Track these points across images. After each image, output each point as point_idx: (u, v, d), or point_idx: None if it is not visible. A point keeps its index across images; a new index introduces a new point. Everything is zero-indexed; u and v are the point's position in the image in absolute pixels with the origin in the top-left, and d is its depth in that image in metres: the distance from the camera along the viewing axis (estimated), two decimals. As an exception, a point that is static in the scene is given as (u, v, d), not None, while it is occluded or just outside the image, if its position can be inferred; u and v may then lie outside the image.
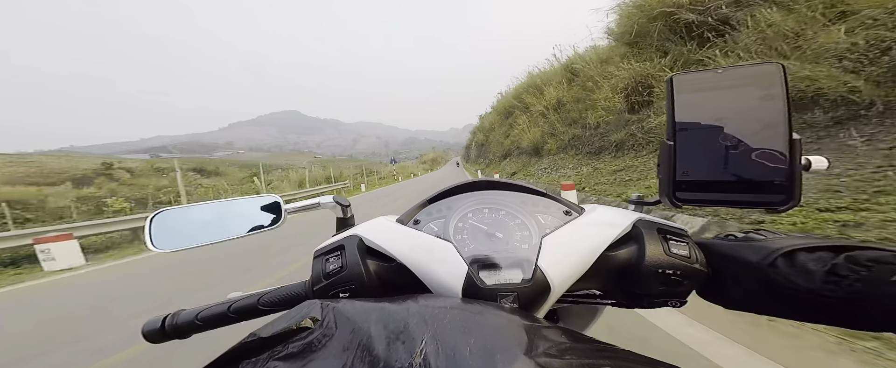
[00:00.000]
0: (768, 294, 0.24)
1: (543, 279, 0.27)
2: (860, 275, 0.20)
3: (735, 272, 0.27)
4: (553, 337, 0.18)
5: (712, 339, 1.31)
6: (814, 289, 0.22)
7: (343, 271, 0.30)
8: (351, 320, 0.20)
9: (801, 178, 0.27)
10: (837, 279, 0.21)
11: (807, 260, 0.23)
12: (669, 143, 0.31)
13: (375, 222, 0.36)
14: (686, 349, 1.28)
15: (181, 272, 3.22)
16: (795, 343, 1.26)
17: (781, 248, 0.24)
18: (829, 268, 0.21)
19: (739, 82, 0.29)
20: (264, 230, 0.43)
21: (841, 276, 0.21)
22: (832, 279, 0.21)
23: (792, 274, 0.23)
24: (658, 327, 1.43)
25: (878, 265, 0.20)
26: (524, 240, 0.31)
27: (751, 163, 0.28)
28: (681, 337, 1.34)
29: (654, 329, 1.42)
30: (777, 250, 0.24)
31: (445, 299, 0.25)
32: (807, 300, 0.22)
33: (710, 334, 1.34)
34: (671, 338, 1.35)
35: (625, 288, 0.32)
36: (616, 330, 1.42)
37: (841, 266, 0.21)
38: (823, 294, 0.21)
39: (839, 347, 1.21)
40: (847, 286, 0.20)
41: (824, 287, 0.21)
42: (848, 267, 0.21)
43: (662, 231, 0.31)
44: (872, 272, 0.20)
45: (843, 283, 0.21)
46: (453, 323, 0.19)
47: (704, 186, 0.31)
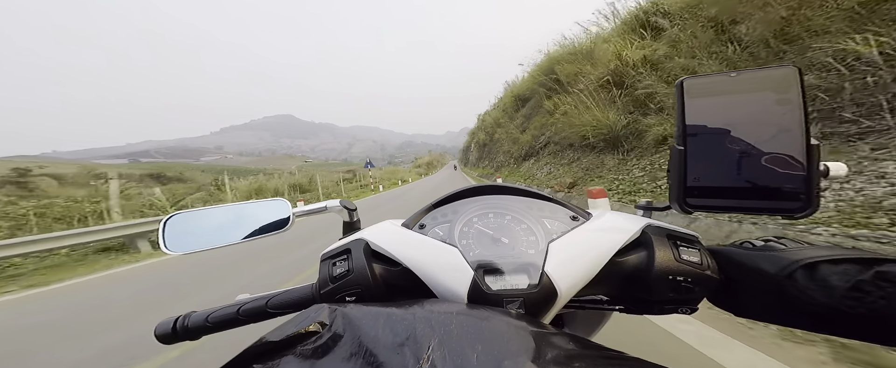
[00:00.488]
0: (782, 306, 0.23)
1: (550, 284, 0.27)
2: (885, 291, 0.19)
3: (749, 281, 0.26)
4: (560, 344, 0.18)
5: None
6: (831, 305, 0.21)
7: (350, 275, 0.30)
8: (358, 325, 0.20)
9: (819, 184, 0.27)
10: (860, 294, 0.20)
11: (829, 273, 0.22)
12: (680, 148, 0.31)
13: (381, 227, 0.37)
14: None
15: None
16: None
17: (802, 259, 0.23)
18: (853, 284, 0.21)
19: (754, 86, 0.29)
20: (272, 233, 0.44)
21: (864, 292, 0.20)
22: (854, 294, 0.20)
23: (810, 288, 0.22)
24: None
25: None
26: (530, 245, 0.31)
27: (765, 169, 0.28)
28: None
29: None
30: (797, 261, 0.24)
31: (452, 304, 0.25)
32: (822, 314, 0.21)
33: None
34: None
35: (633, 294, 0.31)
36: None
37: (868, 283, 0.20)
38: (841, 310, 0.21)
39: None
40: (870, 303, 0.20)
41: (843, 303, 0.20)
42: (873, 283, 0.20)
43: (672, 237, 0.31)
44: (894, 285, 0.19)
45: (866, 300, 0.20)
46: (460, 329, 0.19)
47: (716, 192, 0.30)
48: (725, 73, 0.30)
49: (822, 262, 0.23)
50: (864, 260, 0.22)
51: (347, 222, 0.49)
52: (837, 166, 0.29)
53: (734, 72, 0.29)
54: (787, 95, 0.27)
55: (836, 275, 0.21)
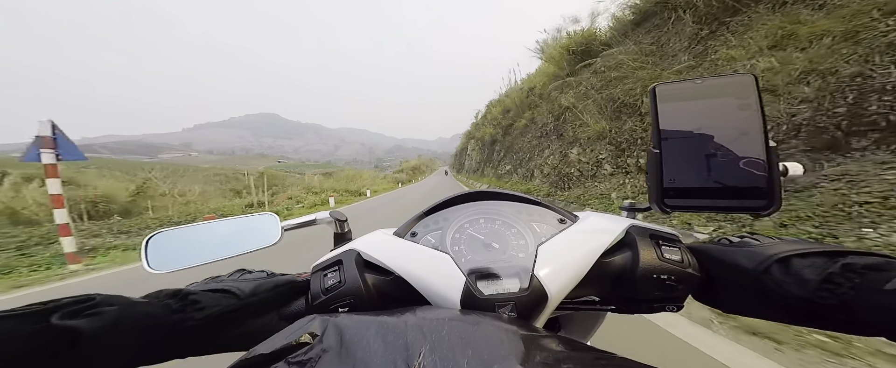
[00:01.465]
0: (761, 299, 0.25)
1: (540, 287, 0.28)
2: (854, 283, 0.21)
3: (728, 276, 0.28)
4: (550, 346, 0.19)
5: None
6: (806, 297, 0.22)
7: (341, 285, 0.30)
8: (350, 334, 0.20)
9: (780, 183, 0.29)
10: (831, 286, 0.22)
11: (801, 267, 0.24)
12: (655, 151, 0.33)
13: (373, 236, 0.37)
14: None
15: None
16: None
17: (776, 254, 0.25)
18: (824, 276, 0.22)
19: (718, 92, 0.31)
20: (261, 248, 0.44)
21: (835, 284, 0.22)
22: (826, 286, 0.22)
23: (786, 282, 0.23)
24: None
25: (871, 272, 0.21)
26: (520, 249, 0.32)
27: (733, 170, 0.30)
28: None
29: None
30: (771, 256, 0.25)
31: (443, 310, 0.25)
32: (799, 306, 0.23)
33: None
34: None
35: (622, 294, 0.32)
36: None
37: (835, 274, 0.22)
38: (815, 301, 0.22)
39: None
40: (841, 294, 0.21)
41: (817, 295, 0.22)
42: (842, 275, 0.22)
43: (655, 237, 0.32)
44: (865, 278, 0.21)
45: (837, 291, 0.21)
46: (451, 335, 0.19)
47: (691, 192, 0.32)
48: (692, 79, 0.32)
49: (794, 256, 0.25)
50: (830, 253, 0.24)
51: (338, 234, 0.50)
52: (794, 166, 0.32)
53: (700, 79, 0.32)
54: (747, 100, 0.29)
55: (807, 268, 0.23)
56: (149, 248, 0.40)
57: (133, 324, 0.22)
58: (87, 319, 0.20)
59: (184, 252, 0.41)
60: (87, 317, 0.20)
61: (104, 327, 0.20)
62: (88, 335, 0.19)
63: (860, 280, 0.21)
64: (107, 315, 0.20)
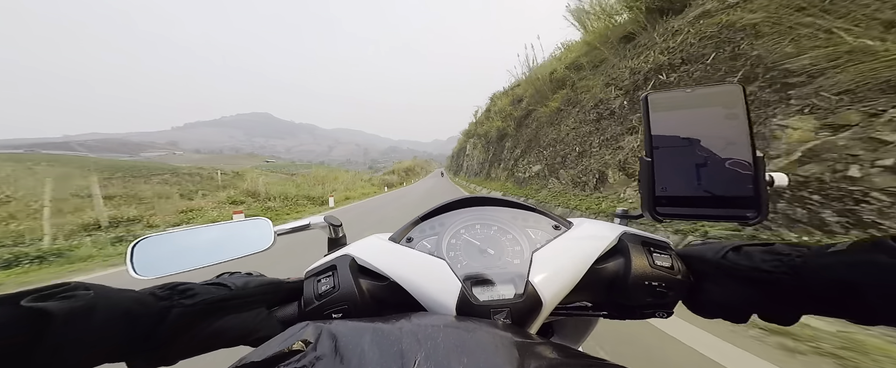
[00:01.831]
0: (730, 285, 0.28)
1: (535, 293, 0.28)
2: (800, 252, 0.24)
3: (702, 271, 0.31)
4: (544, 354, 0.19)
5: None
6: (756, 266, 0.26)
7: (335, 291, 0.30)
8: (344, 341, 0.20)
9: (767, 193, 0.30)
10: (779, 257, 0.25)
11: (749, 250, 0.28)
12: (647, 159, 0.33)
13: (368, 241, 0.37)
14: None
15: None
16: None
17: (730, 245, 0.29)
18: (765, 250, 0.27)
19: (707, 101, 0.32)
20: (254, 253, 0.44)
21: (782, 254, 0.25)
22: (773, 257, 0.25)
23: (738, 260, 0.28)
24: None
25: (813, 247, 0.24)
26: (516, 255, 0.33)
27: (722, 179, 0.31)
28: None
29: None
30: (726, 247, 0.30)
31: (439, 317, 0.25)
32: (758, 280, 0.25)
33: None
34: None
35: (614, 300, 0.33)
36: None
37: (776, 249, 0.26)
38: (767, 270, 0.25)
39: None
40: (789, 262, 0.24)
41: (765, 264, 0.25)
42: (783, 249, 0.25)
43: (647, 244, 0.33)
44: (810, 250, 0.24)
45: (785, 260, 0.25)
46: (446, 342, 0.19)
47: (682, 201, 0.33)
48: (682, 88, 0.33)
49: (744, 245, 0.28)
50: (770, 243, 0.27)
51: (332, 239, 0.49)
52: (780, 177, 0.32)
53: (689, 88, 0.32)
54: (735, 109, 0.30)
55: (754, 251, 0.28)
56: (134, 253, 0.39)
57: (111, 309, 0.20)
58: (60, 301, 0.18)
59: (172, 258, 0.40)
60: (59, 300, 0.18)
61: (78, 309, 0.18)
62: (59, 317, 0.17)
63: (805, 250, 0.24)
64: (81, 298, 0.19)
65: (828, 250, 0.22)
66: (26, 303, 0.17)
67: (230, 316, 0.27)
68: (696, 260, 0.31)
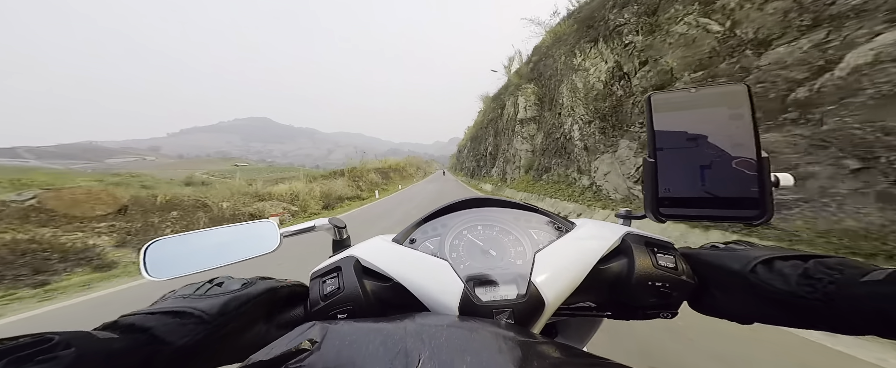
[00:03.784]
0: (751, 300, 0.27)
1: (537, 294, 0.29)
2: (833, 278, 0.23)
3: (719, 280, 0.30)
4: (547, 353, 0.20)
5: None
6: (791, 291, 0.25)
7: (340, 292, 0.31)
8: (349, 341, 0.20)
9: (772, 194, 0.30)
10: (812, 281, 0.24)
11: (783, 267, 0.26)
12: (651, 160, 0.34)
13: (372, 243, 0.37)
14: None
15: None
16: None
17: (760, 257, 0.28)
18: (802, 272, 0.25)
19: (711, 102, 0.32)
20: (261, 255, 0.45)
21: (815, 279, 0.24)
22: (807, 282, 0.24)
23: (771, 279, 0.26)
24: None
25: (847, 269, 0.23)
26: (518, 256, 0.33)
27: (726, 180, 0.31)
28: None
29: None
30: (756, 258, 0.28)
31: (442, 317, 0.26)
32: (787, 302, 0.25)
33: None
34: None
35: (618, 301, 0.33)
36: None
37: (812, 270, 0.25)
38: (801, 296, 0.24)
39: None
40: (822, 288, 0.23)
41: (800, 289, 0.24)
42: (820, 271, 0.24)
43: (650, 244, 0.33)
44: (844, 274, 0.23)
45: (818, 285, 0.24)
46: (450, 342, 0.20)
47: (685, 202, 0.33)
48: (686, 88, 0.33)
49: (775, 258, 0.27)
50: (803, 256, 0.26)
51: (337, 240, 0.50)
52: (786, 177, 0.32)
53: (693, 88, 0.32)
54: (740, 110, 0.30)
55: (787, 267, 0.26)
56: (147, 255, 0.40)
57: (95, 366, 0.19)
58: (40, 367, 0.17)
59: (183, 259, 0.41)
60: (39, 364, 0.17)
61: None
62: None
63: (839, 276, 0.23)
64: (63, 360, 0.18)
65: (862, 278, 0.22)
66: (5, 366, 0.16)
67: (235, 337, 0.26)
68: (715, 268, 0.30)
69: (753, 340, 1.48)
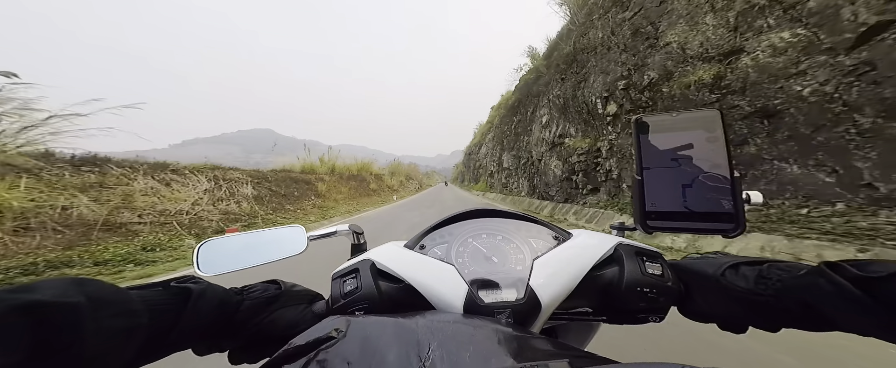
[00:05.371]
0: (724, 301, 0.31)
1: (535, 297, 0.32)
2: (780, 277, 0.28)
3: (698, 284, 0.34)
4: (539, 346, 0.23)
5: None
6: (750, 289, 0.29)
7: (358, 291, 0.35)
8: (369, 331, 0.25)
9: (744, 209, 0.34)
10: (765, 280, 0.29)
11: (745, 270, 0.31)
12: (638, 178, 0.38)
13: (386, 248, 0.42)
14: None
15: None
16: None
17: (727, 262, 0.32)
18: (758, 273, 0.30)
19: (689, 125, 0.36)
20: (291, 256, 0.53)
21: (767, 278, 0.29)
22: (761, 281, 0.29)
23: (735, 280, 0.31)
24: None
25: (792, 270, 0.29)
26: (518, 262, 0.37)
27: (704, 196, 0.35)
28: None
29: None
30: (725, 263, 0.32)
31: (449, 315, 0.30)
32: (751, 301, 0.29)
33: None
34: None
35: (611, 305, 0.37)
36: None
37: (765, 271, 0.30)
38: (759, 294, 0.29)
39: None
40: (773, 286, 0.28)
41: (758, 288, 0.29)
42: (771, 272, 0.29)
43: (640, 253, 0.36)
44: (788, 273, 0.28)
45: (769, 283, 0.29)
46: (456, 335, 0.23)
47: (669, 215, 0.37)
48: (669, 113, 0.38)
49: (741, 263, 0.32)
50: (763, 261, 0.31)
51: (355, 245, 0.55)
52: (755, 195, 0.36)
53: (675, 112, 0.37)
54: (714, 133, 0.35)
55: (748, 271, 0.31)
56: (200, 253, 0.47)
57: (213, 296, 0.31)
58: (192, 284, 0.30)
59: (227, 258, 0.48)
60: (192, 283, 0.30)
61: (201, 292, 0.30)
62: (195, 294, 0.29)
63: (785, 275, 0.28)
64: (202, 284, 0.31)
65: (798, 273, 0.27)
66: (175, 285, 0.29)
67: (281, 310, 0.36)
68: (693, 273, 0.34)
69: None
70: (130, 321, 0.23)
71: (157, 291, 0.28)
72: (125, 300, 0.23)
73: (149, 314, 0.25)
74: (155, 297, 0.27)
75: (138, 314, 0.24)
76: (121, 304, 0.23)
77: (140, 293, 0.26)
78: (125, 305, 0.23)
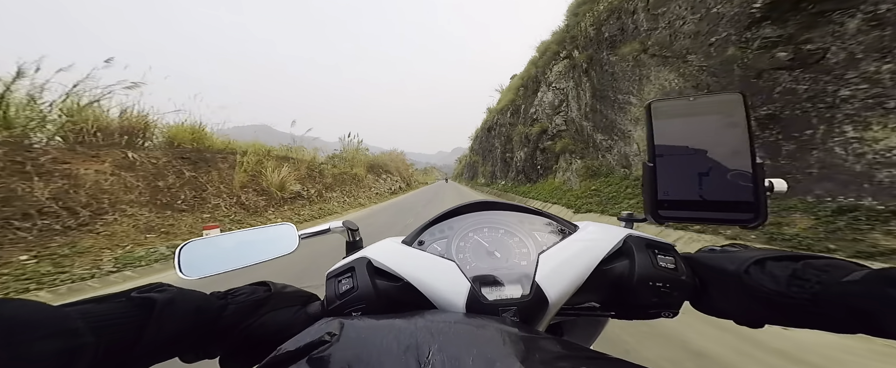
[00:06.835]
0: (746, 299, 0.29)
1: (541, 293, 0.31)
2: (820, 278, 0.25)
3: (717, 280, 0.32)
4: (548, 347, 0.21)
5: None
6: (781, 291, 0.27)
7: (354, 291, 0.33)
8: (365, 333, 0.23)
9: (766, 198, 0.32)
10: (800, 282, 0.26)
11: (774, 267, 0.28)
12: (650, 165, 0.37)
13: (382, 244, 0.40)
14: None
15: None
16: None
17: (753, 257, 0.30)
18: (791, 272, 0.27)
19: (709, 110, 0.35)
20: (281, 256, 0.50)
21: (803, 279, 0.26)
22: (795, 282, 0.26)
23: (762, 279, 0.28)
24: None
25: (832, 270, 0.26)
26: (522, 257, 0.36)
27: (723, 184, 0.33)
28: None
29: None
30: (749, 259, 0.30)
31: (450, 314, 0.28)
32: (778, 302, 0.27)
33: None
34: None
35: (621, 300, 0.35)
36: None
37: (800, 271, 0.27)
38: (791, 296, 0.26)
39: None
40: (809, 288, 0.25)
41: (790, 290, 0.26)
42: (808, 272, 0.26)
43: (651, 246, 0.35)
44: (829, 275, 0.25)
45: (805, 286, 0.26)
46: (457, 336, 0.22)
47: (683, 205, 0.36)
48: (685, 97, 0.36)
49: (767, 259, 0.29)
50: (795, 256, 0.28)
51: (350, 242, 0.54)
52: (779, 183, 0.34)
53: (692, 96, 0.35)
54: (735, 118, 0.33)
55: (778, 268, 0.28)
56: (181, 256, 0.44)
57: (187, 303, 0.29)
58: (157, 293, 0.27)
59: (212, 260, 0.45)
60: (157, 292, 0.28)
61: (168, 300, 0.27)
62: (159, 304, 0.26)
63: (825, 276, 0.25)
64: (170, 291, 0.28)
65: (844, 278, 0.24)
66: (136, 295, 0.26)
67: (272, 313, 0.34)
68: (710, 269, 0.32)
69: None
70: (69, 342, 0.21)
71: (110, 304, 0.25)
72: (58, 320, 0.21)
73: (95, 331, 0.22)
74: (105, 311, 0.24)
75: (78, 332, 0.21)
76: (51, 325, 0.20)
77: (85, 308, 0.24)
78: (59, 325, 0.21)
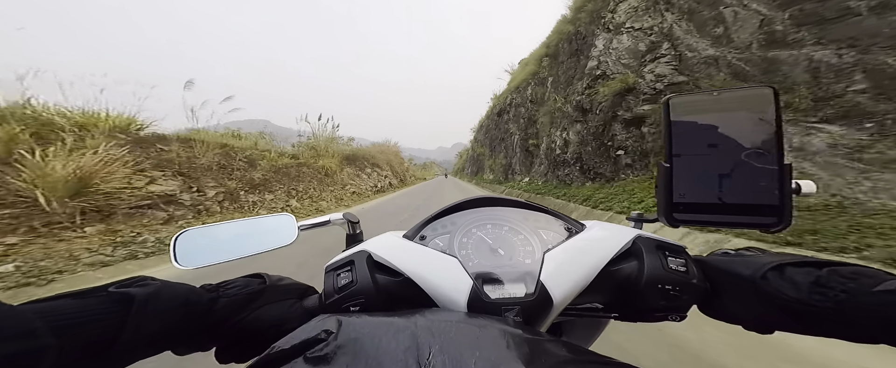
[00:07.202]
0: (761, 305, 0.27)
1: (546, 293, 0.30)
2: (846, 286, 0.24)
3: (730, 285, 0.30)
4: (553, 351, 0.21)
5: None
6: (802, 299, 0.25)
7: (353, 285, 0.32)
8: (363, 332, 0.22)
9: (792, 201, 0.31)
10: (824, 290, 0.25)
11: (794, 273, 0.27)
12: (666, 165, 0.35)
13: (383, 238, 0.39)
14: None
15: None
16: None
17: (771, 262, 0.28)
18: (814, 280, 0.25)
19: (734, 105, 0.32)
20: (279, 247, 0.49)
21: (827, 287, 0.25)
22: (818, 290, 0.25)
23: (782, 286, 0.26)
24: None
25: (860, 278, 0.24)
26: (527, 255, 0.35)
27: (745, 186, 0.32)
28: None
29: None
30: (767, 264, 0.28)
31: (452, 313, 0.27)
32: (797, 310, 0.25)
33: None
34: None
35: (626, 302, 0.34)
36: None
37: (824, 278, 0.25)
38: (812, 304, 0.25)
39: None
40: (833, 297, 0.24)
41: (812, 298, 0.25)
42: (832, 279, 0.25)
43: (661, 248, 0.33)
44: (857, 283, 0.24)
45: (829, 294, 0.24)
46: (459, 337, 0.22)
47: (701, 207, 0.34)
48: (708, 90, 0.33)
49: (787, 264, 0.27)
50: (818, 262, 0.27)
51: (350, 235, 0.52)
52: (808, 184, 0.32)
53: (716, 90, 0.33)
54: (764, 114, 0.31)
55: (799, 274, 0.26)
56: (177, 245, 0.43)
57: (174, 297, 0.27)
58: (137, 288, 0.26)
59: (208, 249, 0.44)
60: (136, 287, 0.26)
61: (150, 294, 0.26)
62: (139, 299, 0.25)
63: (852, 284, 0.24)
64: (153, 285, 0.27)
65: (875, 287, 0.23)
66: (113, 290, 0.25)
67: (266, 307, 0.33)
68: (724, 273, 0.31)
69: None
70: (24, 344, 0.19)
71: (82, 301, 0.23)
72: (9, 321, 0.19)
73: (56, 332, 0.20)
74: (74, 309, 0.22)
75: (35, 334, 0.19)
76: (7, 327, 0.19)
77: (47, 306, 0.22)
78: (11, 327, 0.19)
